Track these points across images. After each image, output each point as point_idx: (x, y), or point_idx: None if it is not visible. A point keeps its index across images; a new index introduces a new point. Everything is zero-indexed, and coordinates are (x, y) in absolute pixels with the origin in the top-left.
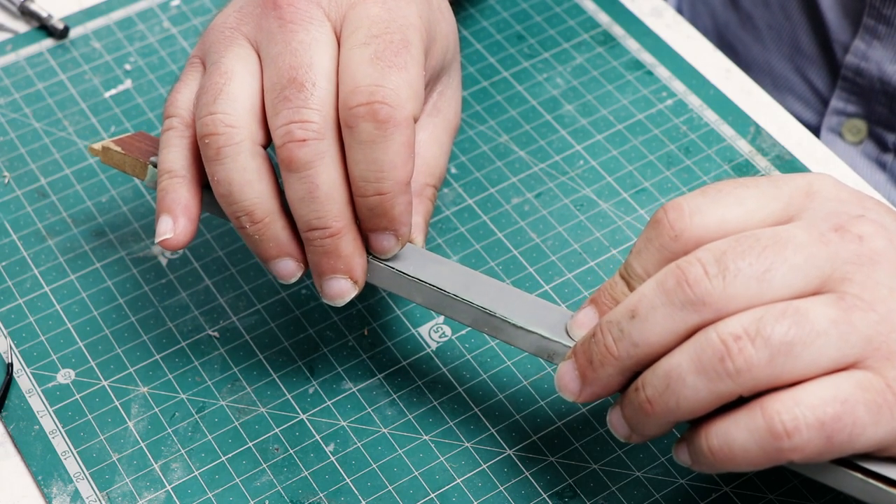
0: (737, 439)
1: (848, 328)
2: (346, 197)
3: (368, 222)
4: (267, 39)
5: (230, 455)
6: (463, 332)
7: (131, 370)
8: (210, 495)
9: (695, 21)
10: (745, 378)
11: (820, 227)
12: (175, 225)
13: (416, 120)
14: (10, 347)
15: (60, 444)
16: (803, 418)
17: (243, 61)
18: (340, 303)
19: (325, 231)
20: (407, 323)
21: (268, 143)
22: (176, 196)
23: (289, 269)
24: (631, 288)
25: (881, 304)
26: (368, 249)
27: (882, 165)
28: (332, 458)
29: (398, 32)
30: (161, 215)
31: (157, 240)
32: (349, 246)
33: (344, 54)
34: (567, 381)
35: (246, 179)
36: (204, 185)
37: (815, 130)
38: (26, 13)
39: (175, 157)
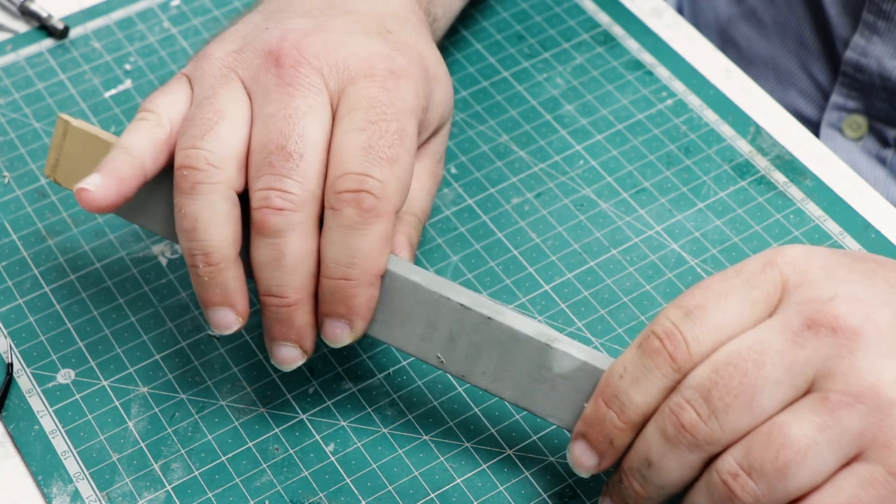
0: None
1: (837, 430)
2: (310, 270)
3: (326, 305)
4: (263, 95)
5: (230, 455)
6: None
7: (131, 370)
8: (210, 495)
9: (697, 16)
10: None
11: (793, 324)
12: (101, 183)
13: (397, 212)
14: (10, 347)
15: (60, 444)
16: None
17: (236, 104)
18: (287, 369)
19: (282, 300)
20: None
21: (243, 190)
22: (117, 166)
23: (227, 320)
24: (623, 417)
25: (868, 393)
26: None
27: (882, 161)
28: (332, 458)
29: (394, 120)
30: (94, 173)
31: (75, 186)
32: (303, 318)
33: (339, 136)
34: None
35: (213, 220)
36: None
37: (817, 126)
38: (26, 13)
39: (136, 139)
